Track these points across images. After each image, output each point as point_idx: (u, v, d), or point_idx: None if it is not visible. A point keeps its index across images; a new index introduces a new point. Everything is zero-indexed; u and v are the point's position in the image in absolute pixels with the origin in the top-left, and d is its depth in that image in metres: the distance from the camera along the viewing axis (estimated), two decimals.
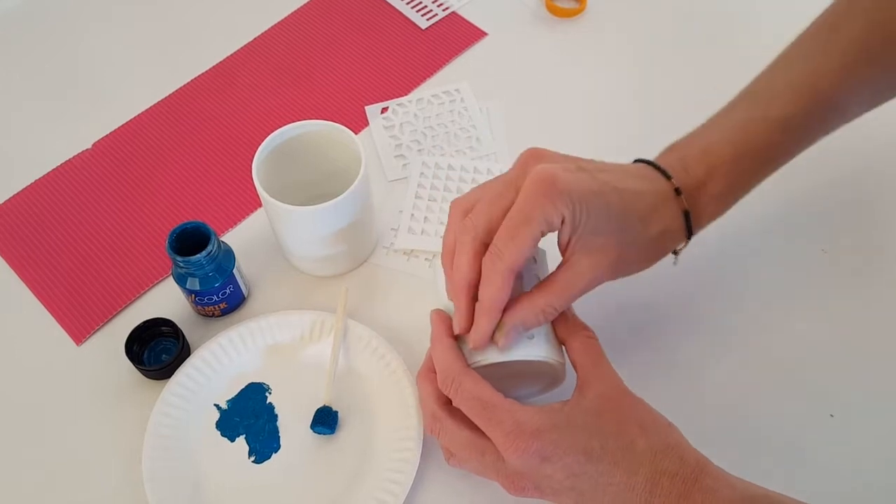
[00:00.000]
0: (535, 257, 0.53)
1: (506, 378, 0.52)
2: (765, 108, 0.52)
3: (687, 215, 0.50)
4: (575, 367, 0.49)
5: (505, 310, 0.47)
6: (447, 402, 0.49)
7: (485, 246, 0.46)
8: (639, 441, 0.44)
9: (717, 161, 0.51)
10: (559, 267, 0.48)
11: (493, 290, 0.46)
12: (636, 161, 0.53)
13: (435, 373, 0.49)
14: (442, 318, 0.51)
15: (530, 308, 0.47)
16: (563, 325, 0.50)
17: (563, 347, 0.50)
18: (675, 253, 0.53)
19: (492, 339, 0.48)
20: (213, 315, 0.61)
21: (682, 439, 0.46)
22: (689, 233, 0.51)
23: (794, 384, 0.58)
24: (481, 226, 0.46)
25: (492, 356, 0.48)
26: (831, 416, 0.57)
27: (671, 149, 0.53)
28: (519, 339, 0.48)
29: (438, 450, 0.55)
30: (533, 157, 0.48)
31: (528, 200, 0.45)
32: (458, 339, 0.50)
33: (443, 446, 0.51)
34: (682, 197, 0.50)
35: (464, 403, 0.47)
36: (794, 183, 0.68)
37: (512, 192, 0.46)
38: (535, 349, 0.49)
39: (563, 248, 0.48)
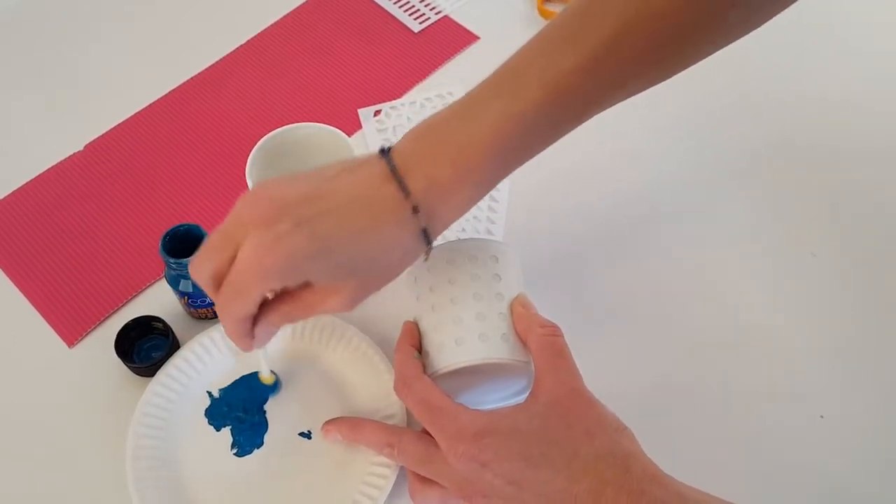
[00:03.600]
0: (497, 256, 0.53)
1: (478, 383, 0.52)
2: (520, 103, 0.45)
3: (426, 232, 0.45)
4: (534, 366, 0.48)
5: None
6: (394, 431, 0.51)
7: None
8: (583, 448, 0.43)
9: (467, 165, 0.45)
10: (306, 286, 0.46)
11: (230, 332, 0.47)
12: (379, 154, 0.46)
13: (363, 419, 0.54)
14: (407, 329, 0.52)
15: (275, 316, 0.47)
16: (522, 323, 0.50)
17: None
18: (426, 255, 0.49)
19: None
20: (206, 317, 0.61)
21: (632, 446, 0.44)
22: (429, 243, 0.47)
23: (784, 386, 0.59)
24: (209, 280, 0.45)
25: (438, 367, 0.49)
26: (821, 417, 0.57)
27: (424, 136, 0.46)
28: (444, 346, 0.49)
29: None
30: (246, 207, 0.44)
31: (239, 277, 0.43)
32: (421, 351, 0.51)
33: (409, 485, 0.51)
34: (419, 216, 0.44)
35: (414, 407, 0.48)
36: (784, 187, 0.69)
37: (230, 247, 0.44)
38: (472, 354, 0.49)
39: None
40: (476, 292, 0.51)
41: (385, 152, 0.46)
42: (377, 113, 0.74)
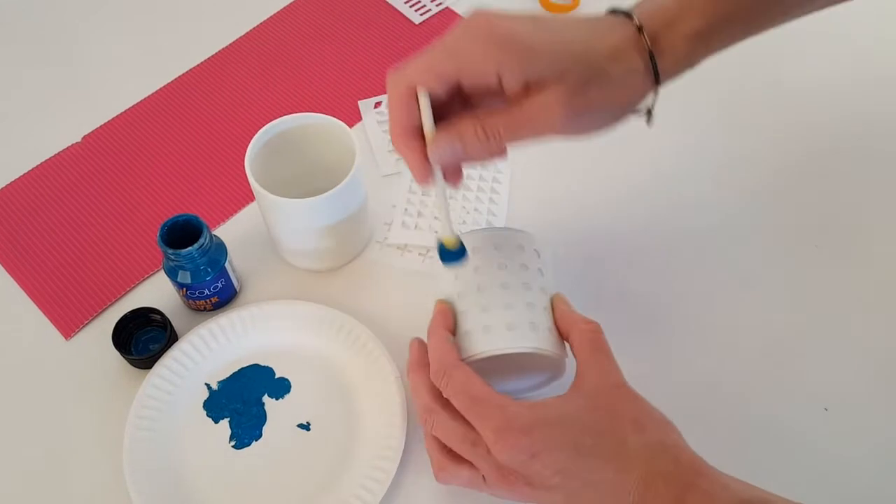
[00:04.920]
0: (539, 252, 0.53)
1: (504, 371, 0.52)
2: None
3: (651, 56, 0.45)
4: (575, 360, 0.48)
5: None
6: (440, 394, 0.48)
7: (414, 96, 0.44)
8: (632, 438, 0.43)
9: (690, 2, 0.46)
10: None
11: (392, 114, 0.44)
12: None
13: (426, 365, 0.49)
14: (441, 310, 0.50)
15: (468, 120, 0.44)
16: (564, 319, 0.50)
17: (566, 342, 0.50)
18: (649, 113, 0.48)
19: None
20: (204, 309, 0.61)
21: (679, 439, 0.45)
22: (657, 76, 0.46)
23: (788, 379, 0.58)
24: (411, 77, 0.44)
25: (479, 351, 0.48)
26: (825, 410, 0.57)
27: None
28: (493, 329, 0.48)
29: (420, 454, 0.54)
30: (474, 14, 0.43)
31: (460, 40, 0.42)
32: (455, 333, 0.50)
33: (433, 459, 0.50)
34: (644, 35, 0.45)
35: (453, 397, 0.47)
36: (788, 179, 0.69)
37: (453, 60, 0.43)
38: (522, 341, 0.48)
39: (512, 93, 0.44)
40: (525, 282, 0.51)
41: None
42: (378, 104, 0.74)
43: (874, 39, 0.78)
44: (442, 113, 0.45)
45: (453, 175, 0.48)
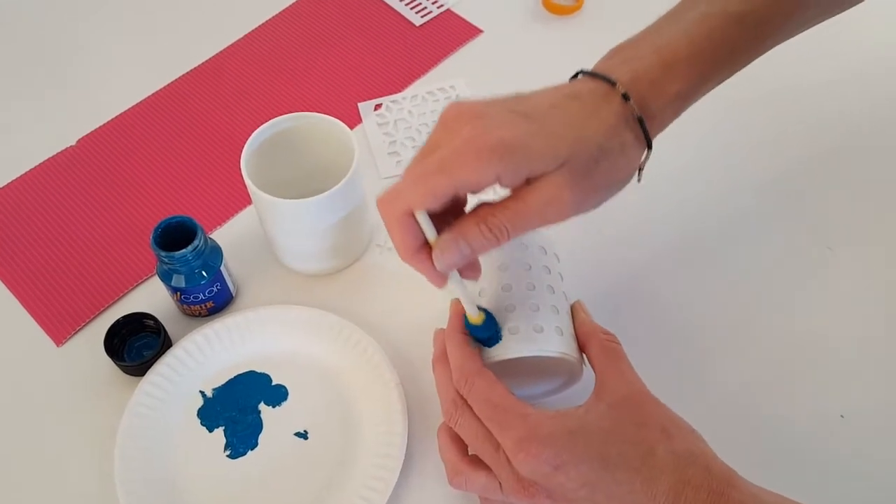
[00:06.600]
0: (558, 255, 0.52)
1: (522, 374, 0.50)
2: (723, 3, 0.47)
3: (641, 122, 0.45)
4: (593, 369, 0.47)
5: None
6: (463, 391, 0.47)
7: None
8: (660, 447, 0.42)
9: (672, 58, 0.46)
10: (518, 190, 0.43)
11: (395, 238, 0.43)
12: (575, 75, 0.47)
13: (446, 359, 0.48)
14: (457, 311, 0.48)
15: (471, 220, 0.42)
16: (584, 327, 0.49)
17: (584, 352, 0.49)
18: (640, 170, 0.48)
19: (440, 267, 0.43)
20: (199, 315, 0.59)
21: (706, 448, 0.43)
22: (648, 140, 0.46)
23: (804, 385, 0.57)
24: (407, 201, 0.42)
25: (504, 352, 0.47)
26: (841, 416, 0.55)
27: (615, 51, 0.48)
28: (519, 331, 0.47)
29: (422, 463, 0.53)
30: (455, 117, 0.43)
31: (454, 155, 0.41)
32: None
33: (448, 463, 0.48)
34: (631, 103, 0.44)
35: (475, 405, 0.45)
36: (800, 180, 0.67)
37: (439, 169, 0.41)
38: (549, 344, 0.47)
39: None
40: (549, 285, 0.50)
41: (578, 73, 0.47)
42: (378, 107, 0.72)
43: (888, 33, 0.77)
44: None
45: (469, 270, 0.46)
